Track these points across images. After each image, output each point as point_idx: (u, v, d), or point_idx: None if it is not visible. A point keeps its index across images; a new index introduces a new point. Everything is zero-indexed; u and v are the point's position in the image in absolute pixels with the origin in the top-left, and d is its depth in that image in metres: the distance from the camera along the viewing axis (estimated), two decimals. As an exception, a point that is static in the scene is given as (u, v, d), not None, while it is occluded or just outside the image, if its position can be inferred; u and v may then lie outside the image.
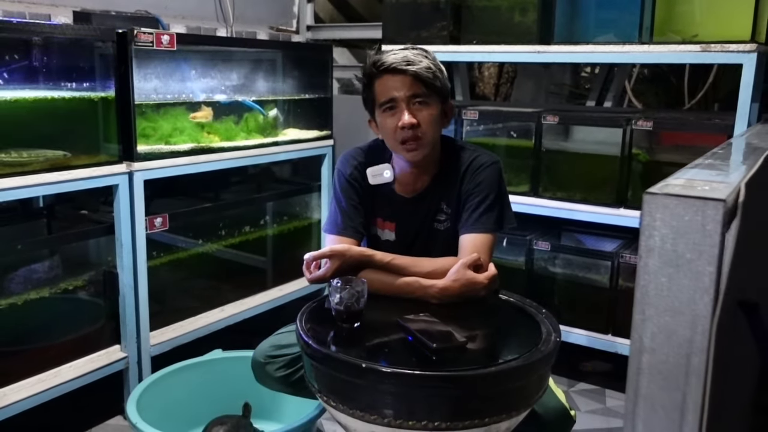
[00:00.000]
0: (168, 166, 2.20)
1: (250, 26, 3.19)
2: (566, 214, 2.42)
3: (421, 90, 1.52)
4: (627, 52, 2.21)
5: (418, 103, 1.53)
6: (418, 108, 1.53)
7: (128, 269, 2.13)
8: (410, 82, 1.51)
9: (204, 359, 2.19)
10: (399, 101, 1.52)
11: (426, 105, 1.54)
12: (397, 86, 1.52)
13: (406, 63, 1.51)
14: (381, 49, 1.60)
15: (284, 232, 2.90)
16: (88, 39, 1.96)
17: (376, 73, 1.55)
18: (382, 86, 1.54)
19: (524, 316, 1.45)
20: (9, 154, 1.82)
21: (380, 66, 1.53)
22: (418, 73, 1.51)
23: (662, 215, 0.68)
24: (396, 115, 1.53)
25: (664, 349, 0.70)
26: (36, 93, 1.87)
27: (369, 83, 1.57)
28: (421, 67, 1.52)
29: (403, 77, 1.51)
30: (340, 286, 1.32)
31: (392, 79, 1.52)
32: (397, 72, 1.51)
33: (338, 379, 1.21)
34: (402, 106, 1.52)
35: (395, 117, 1.53)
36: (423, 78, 1.52)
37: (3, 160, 1.80)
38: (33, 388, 1.93)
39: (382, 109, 1.55)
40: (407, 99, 1.52)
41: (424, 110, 1.53)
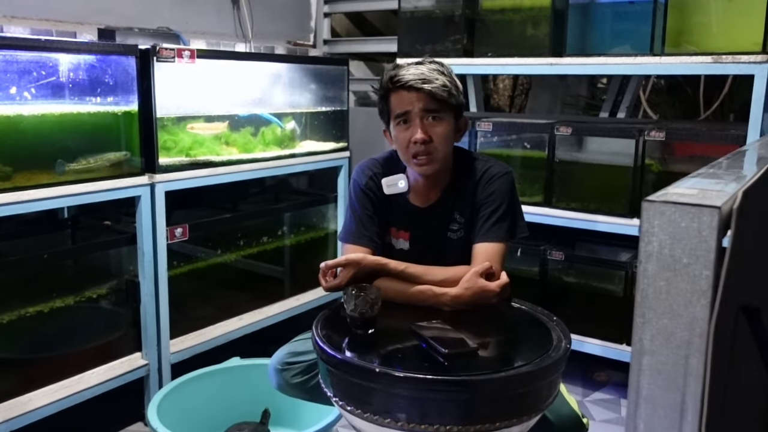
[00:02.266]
0: (188, 178, 2.26)
1: (269, 41, 3.26)
2: (580, 224, 2.44)
3: (434, 106, 1.56)
4: (639, 63, 2.24)
5: (431, 118, 1.57)
6: (431, 123, 1.57)
7: (149, 278, 2.19)
8: (425, 99, 1.55)
9: (222, 366, 2.23)
10: (413, 116, 1.56)
11: (439, 120, 1.57)
12: (411, 101, 1.56)
13: (422, 81, 1.55)
14: (398, 63, 1.63)
15: (301, 243, 2.94)
16: (112, 55, 2.02)
17: (392, 87, 1.59)
18: (398, 100, 1.58)
19: (535, 323, 1.47)
20: (79, 163, 1.94)
21: (396, 82, 1.57)
22: (433, 92, 1.55)
23: (660, 222, 0.71)
24: (409, 129, 1.57)
25: (663, 351, 0.73)
26: (62, 108, 1.93)
27: (385, 96, 1.62)
28: (437, 85, 1.55)
29: (418, 94, 1.55)
30: (354, 293, 1.35)
31: (407, 94, 1.56)
32: (413, 89, 1.55)
33: (353, 383, 1.25)
34: (416, 120, 1.56)
35: (408, 131, 1.57)
36: (437, 96, 1.55)
37: (74, 168, 1.92)
38: (57, 394, 1.99)
39: (396, 121, 1.59)
40: (421, 114, 1.56)
41: (437, 126, 1.57)
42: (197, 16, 2.90)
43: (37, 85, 1.86)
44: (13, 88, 1.81)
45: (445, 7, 2.68)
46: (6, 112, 1.81)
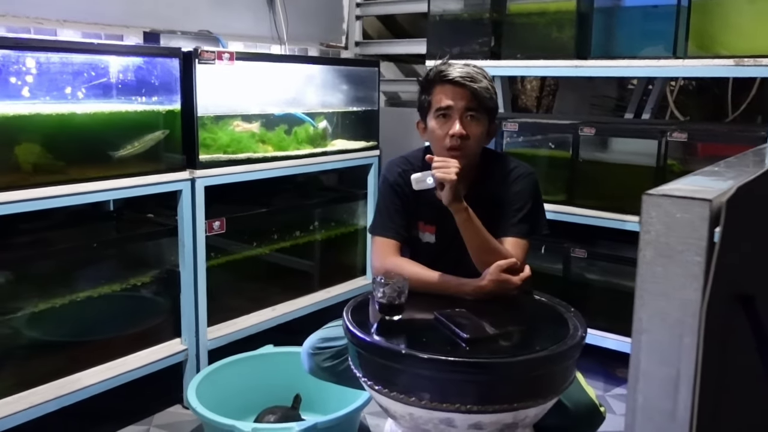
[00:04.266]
0: (226, 174, 2.38)
1: (302, 43, 3.37)
2: (602, 222, 2.50)
3: (476, 105, 1.67)
4: (662, 66, 2.30)
5: (470, 117, 1.67)
6: (468, 122, 1.67)
7: (189, 269, 2.31)
8: (468, 97, 1.66)
9: (257, 353, 2.34)
10: (454, 111, 1.66)
11: (477, 120, 1.68)
12: (456, 97, 1.66)
13: (470, 79, 1.66)
14: (447, 62, 1.74)
15: (331, 238, 3.05)
16: (157, 57, 2.15)
17: (439, 80, 1.69)
18: (442, 94, 1.68)
19: (553, 313, 1.56)
20: (125, 149, 2.08)
21: (445, 76, 1.68)
22: (478, 91, 1.65)
23: (657, 213, 0.79)
24: (448, 123, 1.67)
25: (659, 330, 0.81)
26: (111, 107, 2.07)
27: (429, 88, 1.72)
28: (481, 85, 1.66)
29: (463, 90, 1.66)
30: (383, 281, 1.45)
31: (453, 90, 1.67)
32: (460, 85, 1.66)
33: (380, 364, 1.35)
34: (456, 116, 1.66)
35: (447, 125, 1.67)
36: (480, 96, 1.66)
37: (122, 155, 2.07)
38: (103, 374, 2.11)
39: (436, 114, 1.69)
40: (462, 111, 1.66)
41: (474, 125, 1.67)
42: (235, 20, 3.02)
43: (89, 85, 1.99)
44: (67, 88, 1.94)
45: (473, 11, 2.76)
46: (61, 110, 1.94)
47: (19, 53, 1.83)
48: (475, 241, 1.62)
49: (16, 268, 2.02)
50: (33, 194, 1.87)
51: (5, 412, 1.87)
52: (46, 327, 2.07)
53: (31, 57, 1.85)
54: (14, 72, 1.83)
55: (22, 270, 2.04)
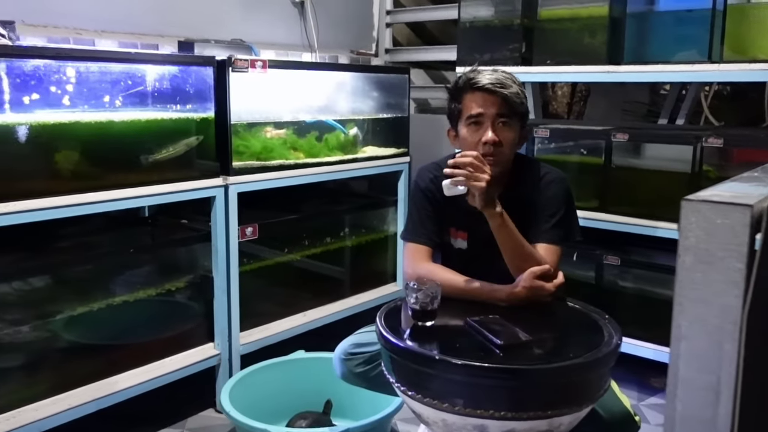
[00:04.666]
0: (259, 180, 2.41)
1: (333, 51, 3.40)
2: (636, 229, 2.47)
3: (507, 111, 1.66)
4: (697, 71, 2.27)
5: (502, 123, 1.67)
6: (501, 128, 1.67)
7: (222, 274, 2.34)
8: (499, 103, 1.66)
9: (289, 358, 2.36)
10: (486, 118, 1.66)
11: (508, 126, 1.67)
12: (487, 104, 1.66)
13: (500, 85, 1.66)
14: (476, 69, 1.74)
15: (362, 244, 3.06)
16: (192, 65, 2.19)
17: (468, 88, 1.69)
18: (472, 101, 1.68)
19: (587, 320, 1.54)
20: (160, 153, 2.12)
21: (474, 83, 1.68)
22: (508, 96, 1.65)
23: (696, 219, 0.79)
24: (480, 130, 1.67)
25: (699, 337, 0.80)
26: (147, 114, 2.11)
27: (459, 96, 1.72)
28: (512, 91, 1.66)
29: (494, 97, 1.66)
30: (416, 287, 1.46)
31: (483, 97, 1.67)
32: (490, 92, 1.66)
33: (413, 369, 1.35)
34: (487, 123, 1.66)
35: (479, 132, 1.67)
36: (511, 101, 1.66)
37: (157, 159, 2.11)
38: (139, 378, 2.15)
39: (467, 122, 1.69)
40: (494, 117, 1.66)
41: (506, 131, 1.67)
42: (267, 28, 3.07)
43: (126, 94, 2.04)
44: (105, 96, 1.99)
45: (504, 17, 2.76)
46: (99, 118, 1.99)
47: (60, 63, 1.88)
48: (510, 247, 1.62)
49: (55, 273, 2.07)
50: (72, 200, 1.92)
51: (44, 414, 1.91)
52: (83, 330, 2.12)
53: (71, 66, 1.90)
54: (55, 81, 1.88)
55: (61, 274, 2.09)
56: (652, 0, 2.45)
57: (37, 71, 1.84)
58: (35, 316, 1.99)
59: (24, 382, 1.96)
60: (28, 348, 1.98)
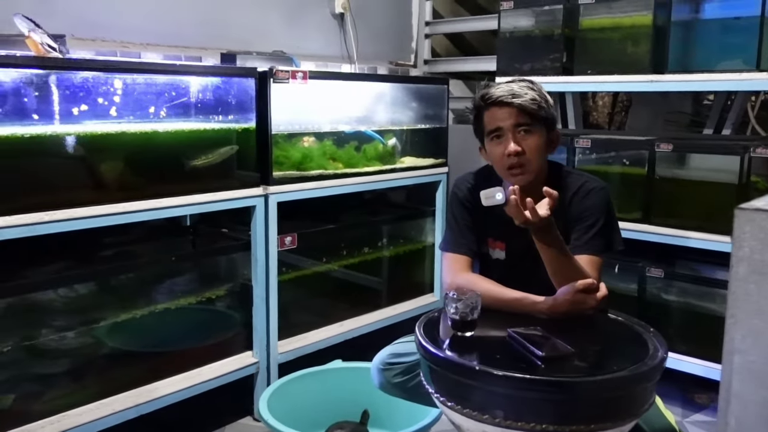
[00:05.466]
0: (299, 190, 2.43)
1: (372, 62, 3.42)
2: (680, 241, 2.42)
3: (525, 120, 1.65)
4: (745, 80, 2.21)
5: (523, 131, 1.65)
6: (523, 137, 1.65)
7: (261, 283, 2.36)
8: (515, 113, 1.64)
9: (326, 368, 2.36)
10: (505, 131, 1.65)
11: (530, 133, 1.65)
12: (503, 117, 1.65)
13: (512, 96, 1.64)
14: (489, 83, 1.74)
15: (399, 254, 3.05)
16: (234, 77, 2.22)
17: (484, 105, 1.69)
18: (490, 117, 1.68)
19: (631, 333, 1.51)
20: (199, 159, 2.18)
21: (488, 99, 1.67)
22: (523, 105, 1.64)
23: (751, 228, 0.76)
24: (503, 143, 1.66)
25: (753, 350, 0.78)
26: (190, 125, 2.14)
27: (478, 114, 1.72)
28: (526, 99, 1.64)
29: (509, 109, 1.64)
30: (456, 297, 1.44)
31: (499, 110, 1.66)
32: (503, 104, 1.65)
33: (453, 380, 1.33)
34: (508, 135, 1.65)
35: (502, 145, 1.66)
36: (527, 109, 1.64)
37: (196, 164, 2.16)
38: (178, 384, 2.17)
39: (490, 137, 1.69)
40: (512, 128, 1.65)
41: (529, 138, 1.65)
42: (307, 40, 3.10)
43: (170, 105, 2.08)
44: (150, 107, 2.03)
45: (545, 27, 2.74)
46: (144, 128, 2.03)
47: (107, 75, 1.93)
48: (555, 262, 1.58)
49: (99, 280, 2.11)
50: (116, 209, 1.96)
51: (87, 419, 1.94)
52: (125, 337, 2.15)
53: (118, 78, 1.95)
54: (102, 93, 1.93)
55: (104, 282, 2.13)
56: (698, 8, 2.40)
57: (85, 83, 1.89)
58: (79, 323, 2.03)
59: (68, 387, 1.99)
60: (72, 354, 2.02)
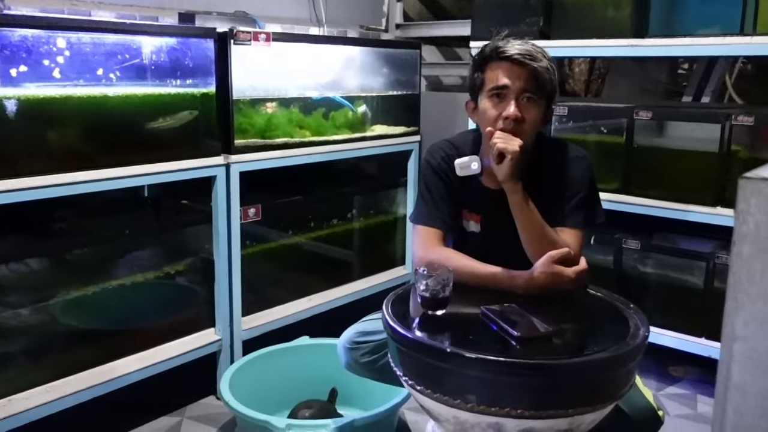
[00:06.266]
0: (263, 159, 2.30)
1: (341, 26, 3.27)
2: (659, 212, 2.35)
3: (533, 87, 1.52)
4: (728, 44, 2.13)
5: (527, 99, 1.53)
6: (525, 105, 1.53)
7: (223, 257, 2.24)
8: (527, 76, 1.51)
9: (292, 345, 2.27)
10: (510, 92, 1.52)
11: (534, 103, 1.54)
12: (513, 76, 1.52)
13: (530, 57, 1.51)
14: (506, 37, 1.59)
15: (370, 226, 2.96)
16: (192, 38, 2.07)
17: (495, 57, 1.54)
18: (497, 72, 1.53)
19: (612, 310, 1.43)
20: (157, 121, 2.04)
21: (502, 53, 1.53)
22: (538, 71, 1.51)
23: (757, 201, 0.67)
24: (502, 104, 1.53)
25: (756, 337, 0.69)
26: (145, 90, 2.00)
27: (483, 65, 1.58)
28: (542, 65, 1.52)
29: (521, 69, 1.51)
30: (426, 273, 1.35)
31: (510, 68, 1.52)
32: (518, 63, 1.51)
33: (423, 363, 1.24)
34: (511, 96, 1.52)
35: (501, 106, 1.53)
36: (541, 77, 1.52)
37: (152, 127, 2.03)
38: (136, 364, 2.07)
39: (489, 94, 1.55)
40: (519, 92, 1.52)
41: (532, 109, 1.53)
42: (273, 2, 2.94)
43: (122, 67, 1.93)
44: (99, 69, 1.88)
45: (522, -11, 2.62)
46: (93, 93, 1.88)
47: (50, 33, 1.77)
48: (529, 228, 1.50)
49: (51, 255, 1.98)
50: (64, 179, 1.82)
51: (39, 402, 1.84)
52: (79, 315, 2.03)
53: (62, 37, 1.79)
54: (46, 53, 1.77)
55: (57, 257, 2.00)
56: (680, -31, 2.30)
57: (25, 42, 1.73)
58: (31, 300, 1.91)
59: (17, 368, 1.88)
60: (23, 333, 1.90)
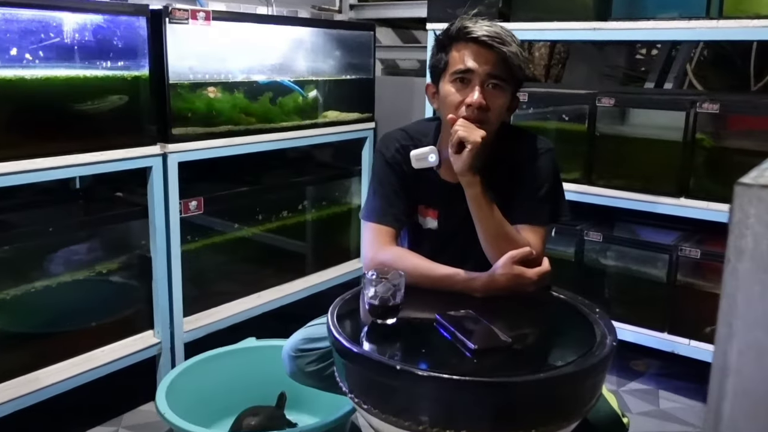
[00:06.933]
0: (204, 148, 2.14)
1: (292, 6, 3.09)
2: (621, 203, 2.27)
3: (501, 72, 1.40)
4: (693, 28, 2.04)
5: (493, 85, 1.40)
6: (491, 91, 1.40)
7: (162, 253, 2.08)
8: (495, 61, 1.39)
9: (237, 347, 2.13)
10: (475, 76, 1.39)
11: (500, 90, 1.41)
12: (479, 59, 1.39)
13: (499, 41, 1.38)
14: (471, 16, 1.46)
15: (323, 218, 2.82)
16: (120, 15, 1.89)
17: (459, 38, 1.41)
18: (462, 55, 1.41)
19: (576, 315, 1.33)
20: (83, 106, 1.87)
21: (468, 33, 1.40)
22: (507, 55, 1.38)
23: (757, 211, 0.56)
24: (466, 89, 1.40)
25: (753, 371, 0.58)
26: (68, 72, 1.81)
27: (447, 46, 1.44)
28: (511, 49, 1.39)
29: (489, 53, 1.39)
30: (375, 278, 1.22)
31: (477, 50, 1.39)
32: (485, 45, 1.39)
33: (371, 380, 1.12)
34: (476, 81, 1.39)
35: (464, 91, 1.40)
36: (509, 61, 1.39)
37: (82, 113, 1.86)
38: (66, 372, 1.91)
39: (452, 78, 1.42)
40: (485, 77, 1.39)
41: (498, 96, 1.41)
42: (217, -22, 2.75)
43: (40, 46, 1.74)
44: (13, 49, 1.68)
45: (480, -32, 2.49)
46: (6, 75, 1.69)
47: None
48: (487, 225, 1.38)
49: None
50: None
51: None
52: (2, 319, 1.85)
53: (-31, 12, 1.60)
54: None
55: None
56: (644, -52, 2.20)
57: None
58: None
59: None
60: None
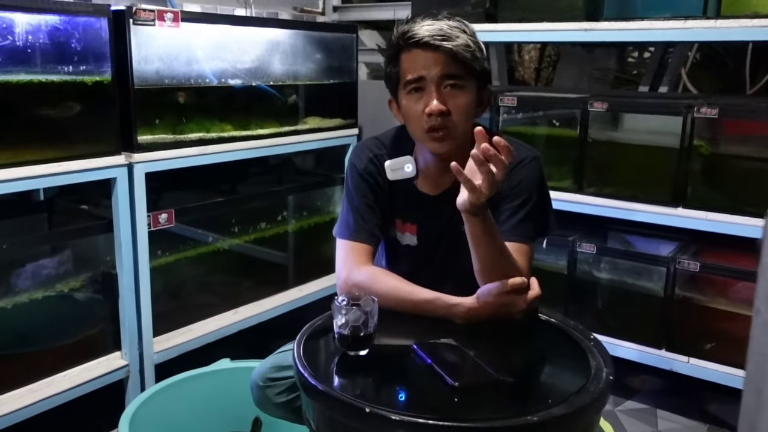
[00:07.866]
0: (173, 158, 2.01)
1: (272, 7, 2.98)
2: (614, 212, 2.16)
3: (455, 71, 1.28)
4: (690, 28, 1.93)
5: (450, 86, 1.29)
6: (450, 93, 1.29)
7: (128, 269, 1.96)
8: (444, 61, 1.27)
9: (210, 369, 1.99)
10: (428, 82, 1.29)
11: (460, 89, 1.30)
12: (427, 64, 1.28)
13: (442, 38, 1.27)
14: (413, 18, 1.34)
15: (305, 228, 2.70)
16: (79, 16, 1.76)
17: (403, 45, 1.31)
18: (410, 62, 1.30)
19: (569, 342, 1.20)
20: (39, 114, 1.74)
21: (409, 38, 1.29)
22: (455, 51, 1.27)
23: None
24: (423, 98, 1.29)
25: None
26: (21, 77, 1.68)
27: (395, 56, 1.33)
28: (459, 43, 1.27)
29: (436, 54, 1.27)
30: (344, 305, 1.10)
31: (423, 55, 1.28)
32: (429, 47, 1.27)
33: (338, 421, 1.00)
34: (431, 88, 1.28)
35: (422, 101, 1.30)
36: (460, 57, 1.27)
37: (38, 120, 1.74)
38: (24, 399, 1.78)
39: (407, 89, 1.32)
40: (438, 80, 1.28)
41: (458, 96, 1.29)
42: (190, -22, 2.63)
43: (-9, 49, 1.61)
44: (-41, 53, 1.56)
45: (466, -33, 2.39)
46: (-46, 81, 1.56)
47: None
48: (488, 255, 1.24)
49: None
50: None
51: None
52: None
53: None
54: None
55: None
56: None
57: None
58: None
59: None
60: None
